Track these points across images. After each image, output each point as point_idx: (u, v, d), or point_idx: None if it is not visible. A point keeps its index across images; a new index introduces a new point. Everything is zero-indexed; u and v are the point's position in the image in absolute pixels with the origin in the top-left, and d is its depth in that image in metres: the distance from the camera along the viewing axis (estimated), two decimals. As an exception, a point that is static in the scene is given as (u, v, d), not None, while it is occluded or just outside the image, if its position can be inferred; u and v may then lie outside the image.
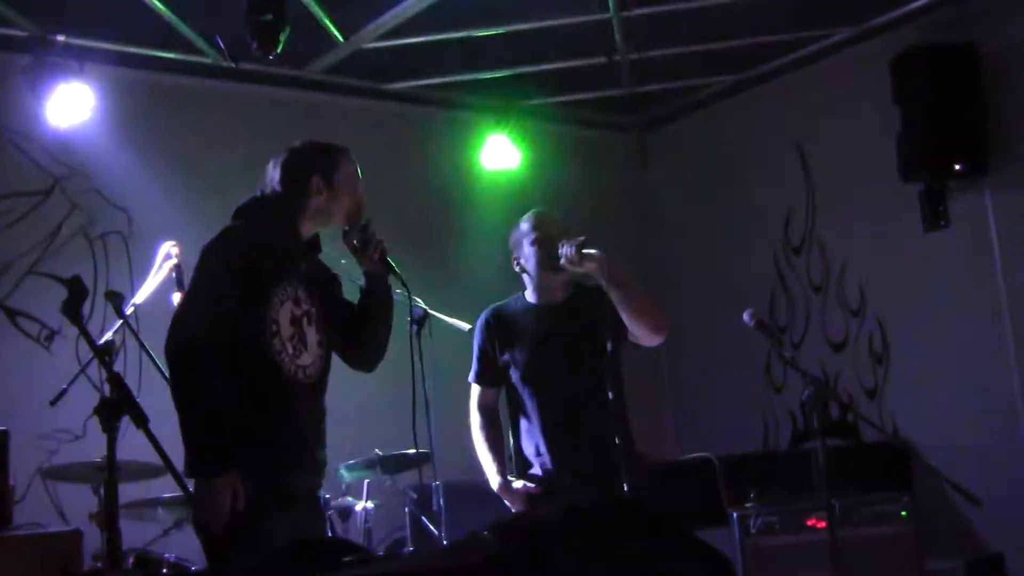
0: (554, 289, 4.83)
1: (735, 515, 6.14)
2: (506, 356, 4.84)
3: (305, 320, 4.06)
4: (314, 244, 4.25)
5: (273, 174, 4.22)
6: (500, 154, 7.90)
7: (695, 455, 6.80)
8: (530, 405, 4.76)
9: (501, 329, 4.87)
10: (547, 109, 8.39)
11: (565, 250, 4.58)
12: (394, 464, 6.14)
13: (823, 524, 5.83)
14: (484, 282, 7.31)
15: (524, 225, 4.89)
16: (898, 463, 6.66)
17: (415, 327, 4.78)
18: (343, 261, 4.36)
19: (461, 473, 5.37)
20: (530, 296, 4.90)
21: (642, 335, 4.63)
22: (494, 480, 4.79)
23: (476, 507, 5.04)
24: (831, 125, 7.77)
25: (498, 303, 4.99)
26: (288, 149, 4.29)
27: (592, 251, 4.55)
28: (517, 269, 4.92)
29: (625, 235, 8.78)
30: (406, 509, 6.25)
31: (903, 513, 6.03)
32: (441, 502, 5.21)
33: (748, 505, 6.19)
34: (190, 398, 3.78)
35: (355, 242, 4.24)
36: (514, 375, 4.81)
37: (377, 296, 4.30)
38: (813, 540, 5.91)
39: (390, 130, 7.86)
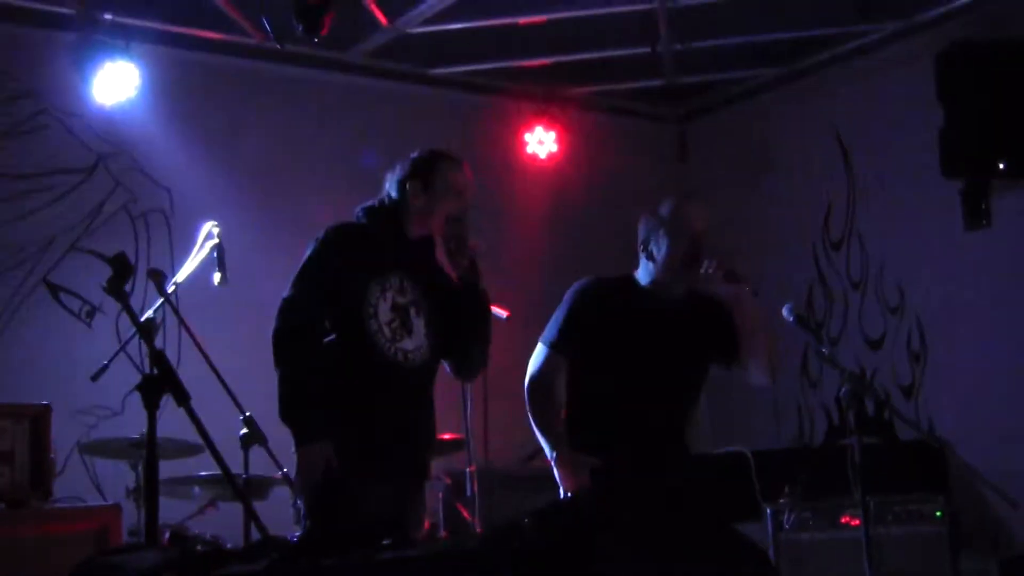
0: (674, 286, 4.59)
1: (769, 510, 6.10)
2: (610, 334, 4.52)
3: (413, 310, 4.35)
4: (425, 244, 4.49)
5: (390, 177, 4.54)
6: (541, 142, 7.89)
7: (729, 449, 6.78)
8: (618, 396, 4.50)
9: (610, 303, 4.57)
10: (589, 98, 8.39)
11: (708, 268, 4.39)
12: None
13: (857, 522, 5.77)
14: (524, 270, 7.34)
15: (668, 211, 4.60)
16: (934, 462, 6.57)
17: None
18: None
19: (495, 460, 5.37)
20: (644, 281, 4.61)
21: (754, 375, 4.56)
22: (557, 447, 4.44)
23: (510, 494, 5.05)
24: (874, 120, 7.72)
25: (601, 276, 4.67)
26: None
27: (740, 284, 4.38)
28: (641, 250, 4.61)
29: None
30: (439, 494, 6.25)
31: (938, 513, 5.99)
32: (475, 488, 5.20)
33: (782, 501, 6.14)
34: (288, 372, 4.22)
35: (450, 246, 4.41)
36: (610, 357, 4.52)
37: (467, 307, 4.41)
38: (846, 537, 5.85)
39: (432, 115, 7.85)
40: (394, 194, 4.49)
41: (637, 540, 2.99)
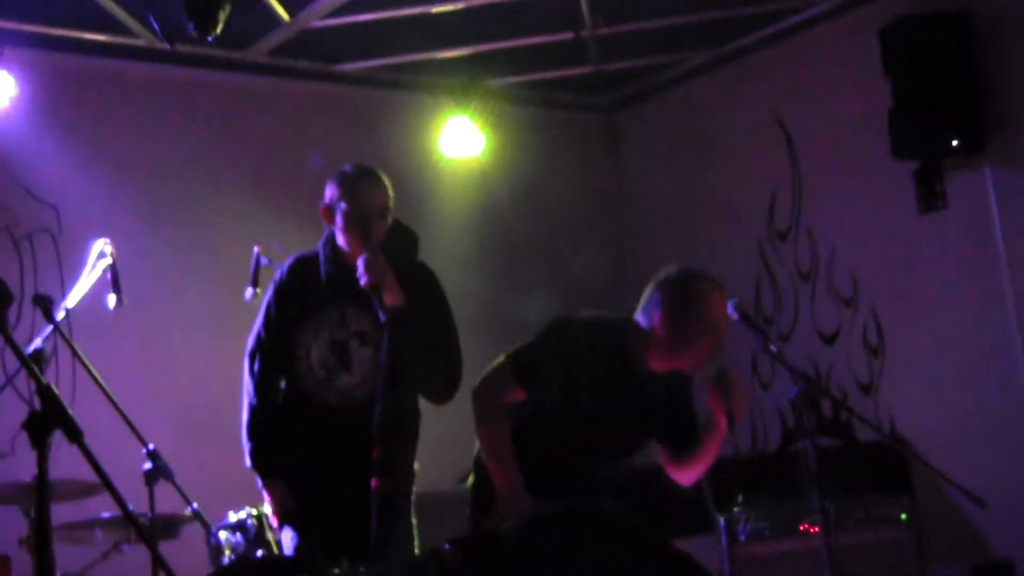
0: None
1: (722, 521, 6.14)
2: (586, 391, 4.41)
3: (356, 341, 4.54)
4: None
5: None
6: (461, 139, 7.87)
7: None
8: (565, 450, 4.44)
9: (604, 365, 4.42)
10: (510, 90, 8.37)
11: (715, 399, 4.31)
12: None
13: (816, 529, 5.82)
14: (450, 277, 7.30)
15: (705, 290, 4.42)
16: (896, 463, 6.68)
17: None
18: None
19: (425, 482, 5.33)
20: (642, 350, 4.43)
21: (670, 469, 4.59)
22: (513, 486, 4.30)
23: (433, 520, 5.02)
24: (817, 102, 7.77)
25: (602, 319, 4.52)
26: None
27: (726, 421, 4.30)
28: (656, 324, 4.40)
29: (595, 223, 8.79)
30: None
31: (902, 516, 6.05)
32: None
33: (735, 510, 6.19)
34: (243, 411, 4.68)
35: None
36: (574, 410, 4.42)
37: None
38: (806, 547, 5.90)
39: (341, 115, 7.84)
40: None
41: (552, 561, 3.02)
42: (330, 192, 4.67)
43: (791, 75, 7.94)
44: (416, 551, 4.67)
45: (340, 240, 4.61)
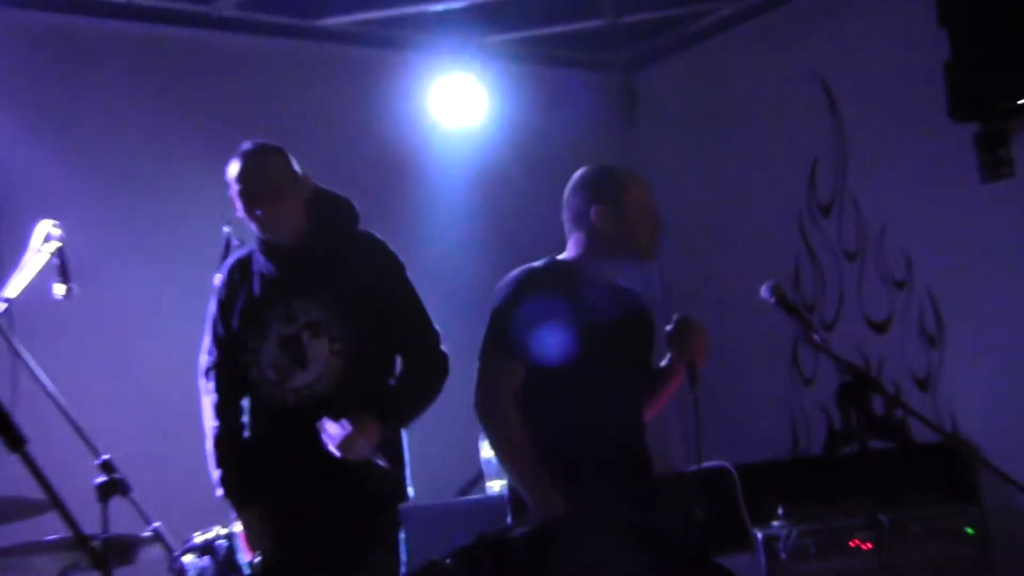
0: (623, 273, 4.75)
1: (760, 536, 6.13)
2: (567, 335, 4.45)
3: (307, 334, 4.59)
4: (313, 245, 4.68)
5: None
6: (457, 104, 7.87)
7: (708, 464, 6.75)
8: (575, 406, 4.47)
9: (562, 293, 4.50)
10: (512, 47, 8.36)
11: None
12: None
13: (869, 546, 5.82)
14: (439, 260, 7.28)
15: (640, 192, 4.69)
16: (959, 468, 6.65)
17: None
18: None
19: (421, 495, 5.27)
20: (587, 266, 4.62)
21: None
22: (538, 489, 4.32)
23: (433, 534, 4.98)
24: (864, 56, 7.73)
25: (535, 265, 4.63)
26: None
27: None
28: (596, 220, 4.59)
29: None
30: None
31: (968, 530, 6.05)
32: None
33: (776, 524, 6.21)
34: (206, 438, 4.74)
35: None
36: (569, 365, 4.45)
37: None
38: (857, 565, 5.95)
39: (321, 77, 7.80)
40: None
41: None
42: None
43: (833, 26, 7.92)
44: (402, 565, 4.72)
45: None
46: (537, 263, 4.62)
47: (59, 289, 5.28)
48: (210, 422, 4.73)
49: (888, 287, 7.68)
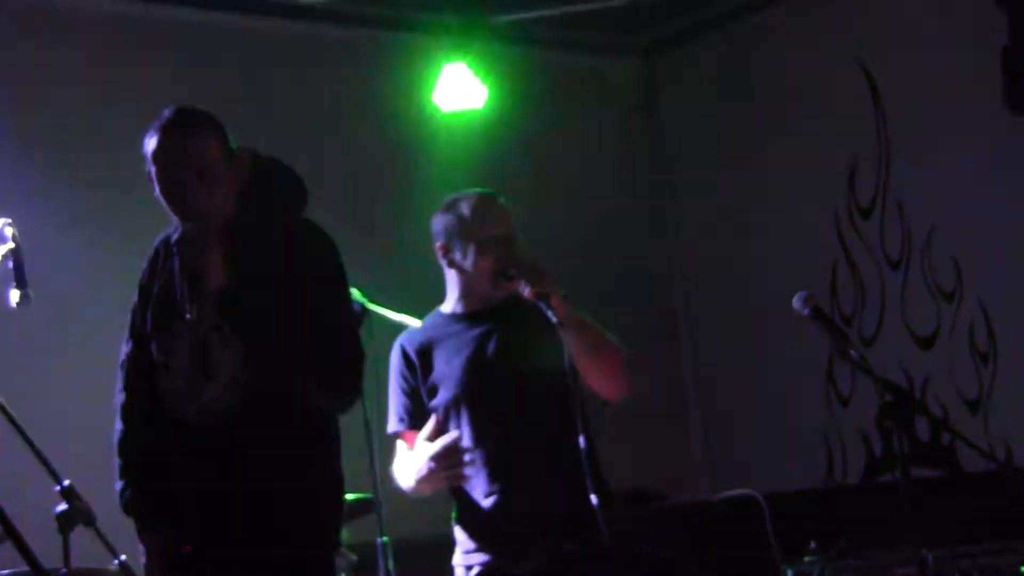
0: (491, 294, 4.91)
1: (790, 573, 6.13)
2: (431, 379, 4.87)
3: (217, 336, 4.28)
4: (227, 234, 4.28)
5: None
6: (459, 89, 7.87)
7: (734, 493, 6.80)
8: (468, 433, 4.74)
9: (420, 349, 4.94)
10: (521, 28, 8.38)
11: (523, 289, 4.73)
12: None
13: (913, 584, 5.83)
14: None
15: (467, 210, 4.97)
16: (1012, 500, 6.64)
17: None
18: None
19: (415, 526, 5.31)
20: (454, 304, 4.98)
21: (599, 386, 4.83)
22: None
23: (412, 568, 5.05)
24: (910, 39, 7.76)
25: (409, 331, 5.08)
26: None
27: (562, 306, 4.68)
28: (444, 262, 4.98)
29: (627, 197, 8.74)
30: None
31: (1022, 569, 6.03)
32: (390, 565, 5.19)
33: (808, 560, 6.20)
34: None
35: None
36: (443, 396, 4.82)
37: None
38: None
39: (315, 61, 7.87)
40: None
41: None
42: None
43: (876, 6, 7.95)
44: None
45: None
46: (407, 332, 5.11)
47: (14, 296, 5.25)
48: (116, 424, 4.50)
49: (935, 298, 7.70)
